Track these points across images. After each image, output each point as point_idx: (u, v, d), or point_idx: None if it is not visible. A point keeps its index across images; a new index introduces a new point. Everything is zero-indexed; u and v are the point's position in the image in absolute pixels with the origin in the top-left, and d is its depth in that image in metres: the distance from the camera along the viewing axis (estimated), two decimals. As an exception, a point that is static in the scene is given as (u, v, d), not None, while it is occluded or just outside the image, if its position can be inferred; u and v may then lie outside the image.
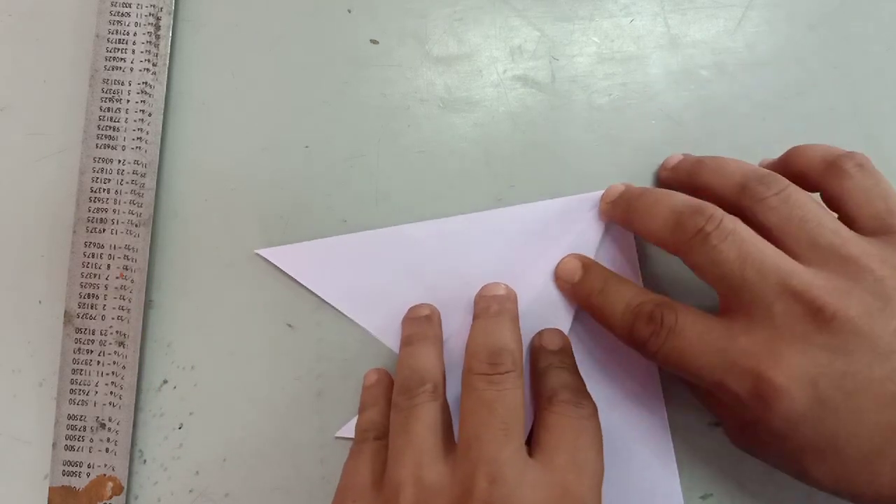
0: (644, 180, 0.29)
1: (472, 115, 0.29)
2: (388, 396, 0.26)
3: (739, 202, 0.23)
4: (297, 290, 0.28)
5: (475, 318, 0.26)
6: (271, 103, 0.29)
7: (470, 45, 0.30)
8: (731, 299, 0.22)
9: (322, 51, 0.29)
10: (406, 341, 0.26)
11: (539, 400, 0.24)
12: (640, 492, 0.27)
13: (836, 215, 0.23)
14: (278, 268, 0.28)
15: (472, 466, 0.21)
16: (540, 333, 0.26)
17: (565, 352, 0.26)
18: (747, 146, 0.29)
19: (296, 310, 0.28)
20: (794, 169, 0.25)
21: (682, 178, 0.26)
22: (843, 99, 0.29)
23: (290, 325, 0.28)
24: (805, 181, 0.24)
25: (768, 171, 0.24)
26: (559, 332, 0.26)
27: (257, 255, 0.28)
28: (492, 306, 0.26)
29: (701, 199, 0.23)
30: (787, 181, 0.23)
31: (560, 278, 0.27)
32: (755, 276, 0.21)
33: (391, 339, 0.28)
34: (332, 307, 0.28)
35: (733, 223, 0.22)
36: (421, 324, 0.26)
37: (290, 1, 0.30)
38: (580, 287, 0.26)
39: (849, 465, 0.21)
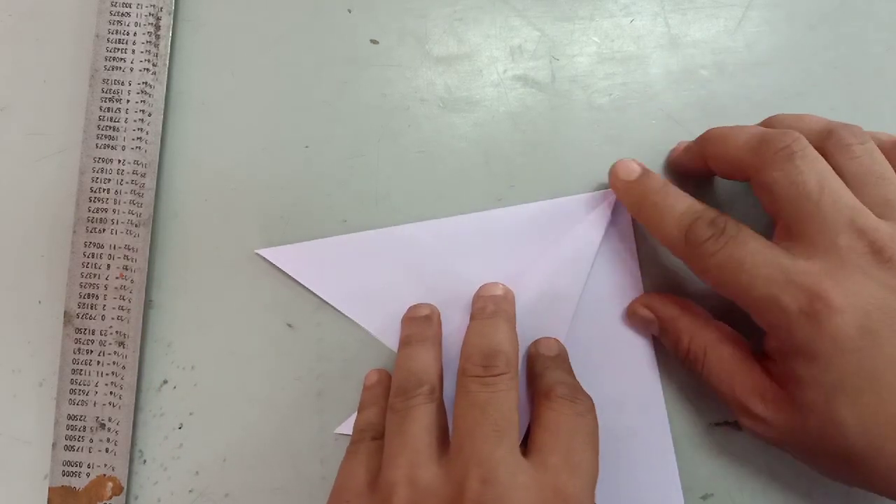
0: (644, 180, 0.29)
1: (472, 115, 0.29)
2: (387, 397, 0.26)
3: (823, 145, 0.23)
4: (297, 290, 0.28)
5: (472, 318, 0.26)
6: (271, 103, 0.29)
7: (470, 44, 0.30)
8: (796, 224, 0.22)
9: (322, 51, 0.29)
10: (404, 341, 0.26)
11: (536, 397, 0.24)
12: (640, 492, 0.27)
13: None
14: (278, 268, 0.28)
15: (465, 467, 0.21)
16: (536, 342, 0.27)
17: (562, 357, 0.26)
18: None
19: (296, 310, 0.28)
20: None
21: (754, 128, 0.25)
22: (843, 99, 0.29)
23: (290, 325, 0.28)
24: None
25: (846, 125, 0.24)
26: (555, 339, 0.27)
27: (257, 255, 0.28)
28: (488, 307, 0.26)
29: None
30: (869, 135, 0.23)
31: (615, 175, 0.26)
32: (830, 205, 0.22)
33: (391, 339, 0.28)
34: (332, 307, 0.28)
35: (817, 154, 0.22)
36: (420, 324, 0.26)
37: (290, 1, 0.30)
38: (638, 184, 0.25)
39: (883, 406, 0.21)
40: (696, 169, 0.27)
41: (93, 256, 0.27)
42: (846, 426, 0.21)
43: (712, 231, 0.23)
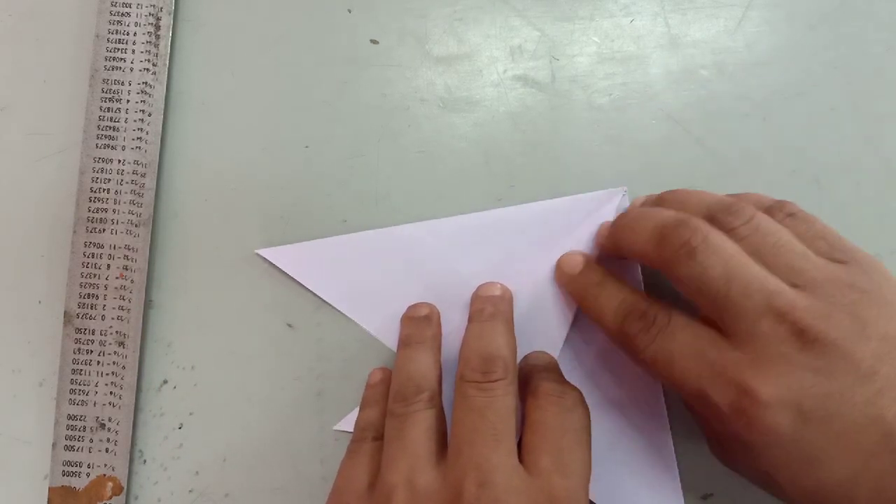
0: (644, 180, 0.29)
1: (472, 115, 0.29)
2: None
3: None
4: (297, 290, 0.28)
5: (470, 319, 0.26)
6: (271, 103, 0.29)
7: (470, 45, 0.30)
8: (715, 315, 0.22)
9: (322, 51, 0.29)
10: (404, 342, 0.26)
11: (524, 397, 0.24)
12: (641, 492, 0.27)
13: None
14: (278, 268, 0.28)
15: (462, 471, 0.21)
16: (526, 356, 0.27)
17: (552, 365, 0.26)
18: (747, 146, 0.29)
19: (296, 310, 0.28)
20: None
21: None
22: (843, 99, 0.29)
23: (290, 325, 0.28)
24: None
25: (732, 199, 0.23)
26: (545, 353, 0.27)
27: (257, 255, 0.28)
28: (486, 308, 0.26)
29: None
30: (752, 209, 0.23)
31: (560, 269, 0.27)
32: (740, 295, 0.21)
33: (391, 339, 0.28)
34: (332, 307, 0.28)
35: (720, 238, 0.22)
36: (419, 324, 0.26)
37: (290, 1, 0.30)
38: (579, 278, 0.26)
39: (826, 486, 0.21)
40: (616, 253, 0.26)
41: (93, 256, 0.27)
42: (794, 499, 0.21)
43: (642, 324, 0.23)
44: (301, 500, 0.27)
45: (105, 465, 0.27)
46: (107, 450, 0.27)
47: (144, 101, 0.28)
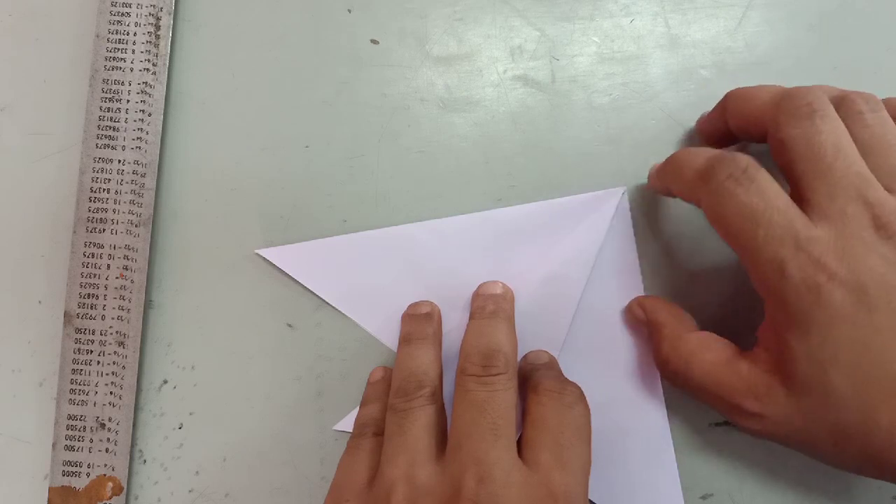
0: (644, 180, 0.29)
1: (472, 115, 0.29)
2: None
3: (836, 112, 0.23)
4: (297, 290, 0.28)
5: (471, 317, 0.26)
6: (271, 103, 0.29)
7: (470, 45, 0.30)
8: (808, 185, 0.22)
9: (322, 51, 0.29)
10: (405, 339, 0.26)
11: (525, 392, 0.24)
12: (641, 492, 0.27)
13: None
14: (278, 268, 0.28)
15: (462, 466, 0.21)
16: (526, 354, 0.27)
17: (552, 363, 0.26)
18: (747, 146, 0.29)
19: (296, 310, 0.28)
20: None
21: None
22: (843, 99, 0.29)
23: (290, 325, 0.28)
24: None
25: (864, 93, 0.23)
26: (545, 351, 0.27)
27: (257, 255, 0.28)
28: (487, 306, 0.26)
29: None
30: (884, 103, 0.23)
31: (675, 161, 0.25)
32: (842, 170, 0.21)
33: (391, 339, 0.28)
34: (332, 307, 0.28)
35: (837, 117, 0.22)
36: (420, 322, 0.26)
37: (290, 1, 0.30)
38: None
39: (876, 375, 0.21)
40: (718, 132, 0.26)
41: (93, 256, 0.27)
42: (841, 398, 0.21)
43: (733, 168, 0.22)
44: (301, 500, 0.27)
45: (105, 465, 0.27)
46: (107, 450, 0.27)
47: (144, 101, 0.28)
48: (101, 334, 0.27)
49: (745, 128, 0.25)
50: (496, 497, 0.20)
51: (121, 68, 0.28)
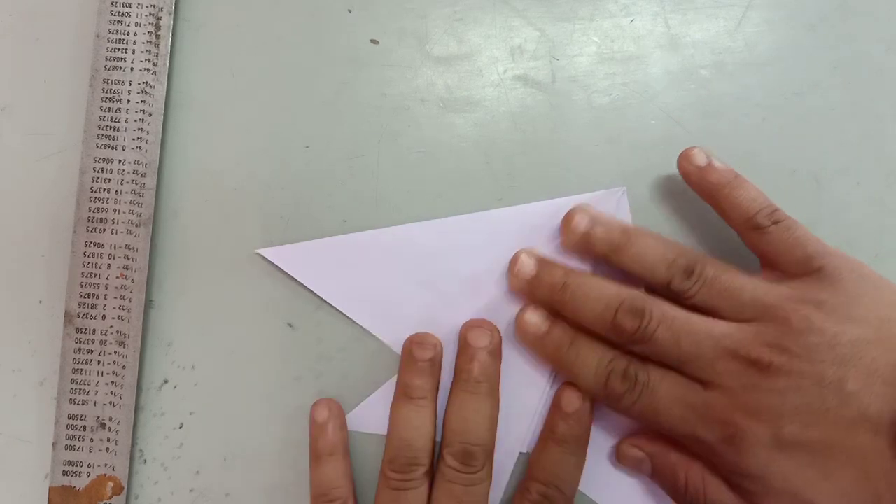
0: (644, 180, 0.29)
1: (472, 115, 0.29)
2: (344, 442, 0.26)
3: (667, 292, 0.25)
4: (297, 290, 0.28)
5: (455, 380, 0.26)
6: (271, 103, 0.29)
7: (470, 45, 0.30)
8: (680, 371, 0.24)
9: (322, 51, 0.29)
10: (404, 391, 0.26)
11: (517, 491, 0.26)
12: (640, 491, 0.27)
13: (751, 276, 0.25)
14: (278, 268, 0.28)
15: None
16: (558, 401, 0.26)
17: (579, 424, 0.26)
18: (747, 146, 0.29)
19: (296, 310, 0.28)
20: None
21: (604, 251, 0.26)
22: (843, 99, 0.29)
23: (290, 325, 0.28)
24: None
25: (684, 254, 0.25)
26: (577, 396, 0.26)
27: (258, 254, 0.28)
28: (473, 370, 0.26)
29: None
30: (700, 261, 0.24)
31: (522, 329, 0.26)
32: (690, 345, 0.23)
33: (391, 339, 0.28)
34: (333, 307, 0.28)
35: (660, 309, 0.24)
36: (423, 374, 0.26)
37: (290, 1, 0.30)
38: (547, 340, 0.26)
39: (839, 485, 0.22)
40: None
41: (93, 256, 0.27)
42: None
43: (626, 385, 0.24)
44: (301, 500, 0.27)
45: (105, 465, 0.27)
46: (107, 449, 0.27)
47: (144, 101, 0.28)
48: (101, 334, 0.27)
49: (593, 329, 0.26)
50: None
51: (121, 68, 0.28)
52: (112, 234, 0.27)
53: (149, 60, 0.28)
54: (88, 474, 0.27)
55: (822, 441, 0.22)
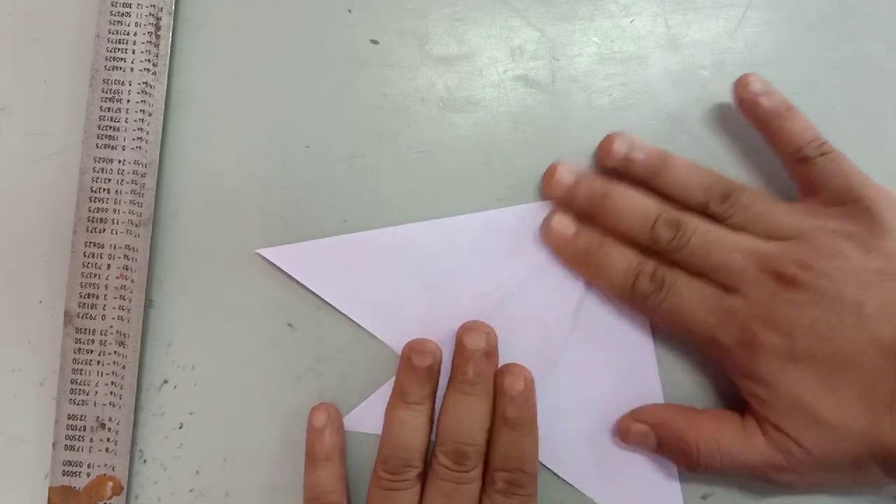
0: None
1: (472, 115, 0.29)
2: (341, 447, 0.26)
3: (705, 212, 0.26)
4: (297, 290, 0.28)
5: (451, 381, 0.26)
6: (271, 103, 0.29)
7: (470, 45, 0.30)
8: (709, 275, 0.25)
9: (322, 51, 0.29)
10: (400, 396, 0.26)
11: (484, 476, 0.26)
12: (640, 491, 0.27)
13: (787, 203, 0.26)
14: (278, 268, 0.28)
15: None
16: (502, 375, 0.26)
17: (524, 398, 0.26)
18: (747, 146, 0.29)
19: (296, 310, 0.28)
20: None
21: (643, 174, 0.27)
22: (843, 99, 0.29)
23: (290, 325, 0.28)
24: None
25: (722, 180, 0.26)
26: (522, 375, 0.26)
27: (258, 254, 0.28)
28: (469, 371, 0.26)
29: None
30: (737, 187, 0.26)
31: (551, 232, 0.27)
32: (720, 255, 0.25)
33: (391, 339, 0.28)
34: (333, 307, 0.28)
35: (695, 222, 0.25)
36: (420, 379, 0.26)
37: (290, 1, 0.30)
38: (576, 243, 0.27)
39: (848, 394, 0.23)
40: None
41: (93, 256, 0.27)
42: (834, 428, 0.23)
43: (654, 286, 0.25)
44: (301, 500, 0.27)
45: (105, 465, 0.27)
46: (107, 449, 0.27)
47: (144, 101, 0.28)
48: (101, 334, 0.27)
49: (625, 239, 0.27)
50: None
51: (121, 68, 0.28)
52: (112, 234, 0.27)
53: (149, 60, 0.28)
54: (88, 474, 0.27)
55: (833, 356, 0.23)
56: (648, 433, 0.26)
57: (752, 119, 0.27)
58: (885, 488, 0.26)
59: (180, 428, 0.28)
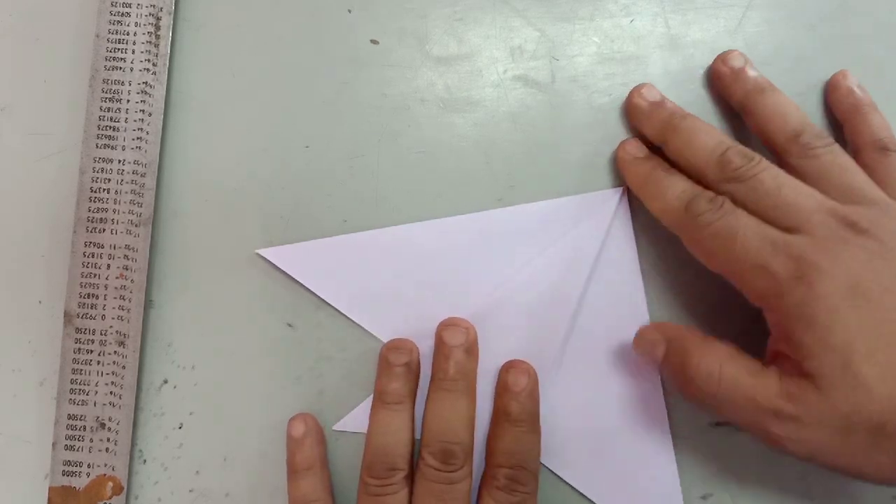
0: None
1: (472, 115, 0.29)
2: (322, 457, 0.26)
3: (789, 147, 0.25)
4: (297, 290, 0.28)
5: (432, 379, 0.26)
6: (271, 103, 0.29)
7: (470, 45, 0.30)
8: (773, 221, 0.23)
9: (322, 51, 0.29)
10: (380, 397, 0.26)
11: (485, 469, 0.26)
12: (640, 492, 0.27)
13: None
14: (278, 268, 0.28)
15: None
16: (505, 372, 0.26)
17: (527, 394, 0.26)
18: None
19: (296, 310, 0.28)
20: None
21: (746, 92, 0.27)
22: (843, 99, 0.29)
23: (290, 325, 0.28)
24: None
25: (813, 125, 0.26)
26: (527, 369, 0.26)
27: (258, 255, 0.28)
28: (449, 369, 0.26)
29: None
30: (830, 137, 0.25)
31: (623, 151, 0.28)
32: (792, 194, 0.23)
33: (391, 338, 0.28)
34: (333, 307, 0.28)
35: (767, 161, 0.25)
36: (398, 378, 0.26)
37: (290, 1, 0.30)
38: (645, 162, 0.27)
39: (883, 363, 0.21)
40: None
41: (93, 256, 0.27)
42: (870, 387, 0.21)
43: (711, 206, 0.24)
44: (301, 499, 0.27)
45: (105, 465, 0.27)
46: (107, 449, 0.27)
47: (144, 101, 0.28)
48: (101, 334, 0.27)
49: (690, 171, 0.26)
50: None
51: (121, 68, 0.28)
52: (112, 234, 0.27)
53: (149, 60, 0.28)
54: (88, 474, 0.27)
55: (891, 307, 0.21)
56: (659, 343, 0.25)
57: (839, 108, 0.28)
58: (883, 486, 0.25)
59: (180, 428, 0.28)
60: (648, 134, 0.28)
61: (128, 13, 0.29)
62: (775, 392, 0.22)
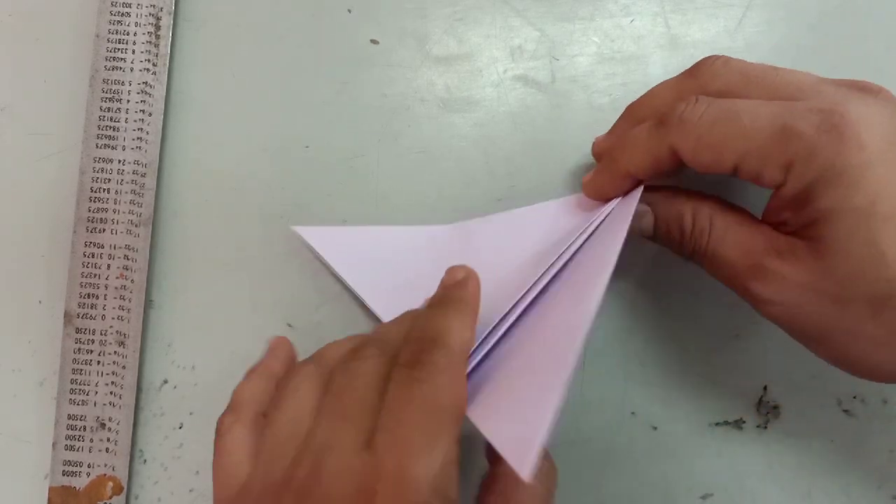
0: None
1: (472, 115, 0.29)
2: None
3: (672, 115, 0.23)
4: (298, 290, 0.28)
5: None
6: (271, 103, 0.29)
7: (470, 45, 0.30)
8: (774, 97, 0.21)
9: (322, 51, 0.29)
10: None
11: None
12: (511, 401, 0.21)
13: None
14: (278, 268, 0.28)
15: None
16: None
17: (421, 335, 0.21)
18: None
19: (296, 310, 0.28)
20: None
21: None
22: (843, 99, 0.29)
23: (290, 325, 0.28)
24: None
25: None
26: (461, 267, 0.23)
27: (293, 231, 0.27)
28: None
29: None
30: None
31: (596, 148, 0.26)
32: (789, 74, 0.22)
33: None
34: (333, 307, 0.28)
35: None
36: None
37: (290, 1, 0.30)
38: (606, 138, 0.26)
39: None
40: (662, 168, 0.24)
41: (93, 256, 0.27)
42: (884, 252, 0.19)
43: (688, 103, 0.22)
44: (301, 499, 0.27)
45: (105, 465, 0.27)
46: (107, 449, 0.27)
47: (144, 101, 0.28)
48: (101, 334, 0.27)
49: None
50: (322, 482, 0.18)
51: (121, 68, 0.28)
52: (112, 234, 0.27)
53: (149, 60, 0.28)
54: (88, 474, 0.27)
55: None
56: (646, 212, 0.23)
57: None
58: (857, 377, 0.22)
59: (180, 428, 0.28)
60: (636, 161, 0.24)
61: (128, 13, 0.29)
62: (763, 246, 0.21)
